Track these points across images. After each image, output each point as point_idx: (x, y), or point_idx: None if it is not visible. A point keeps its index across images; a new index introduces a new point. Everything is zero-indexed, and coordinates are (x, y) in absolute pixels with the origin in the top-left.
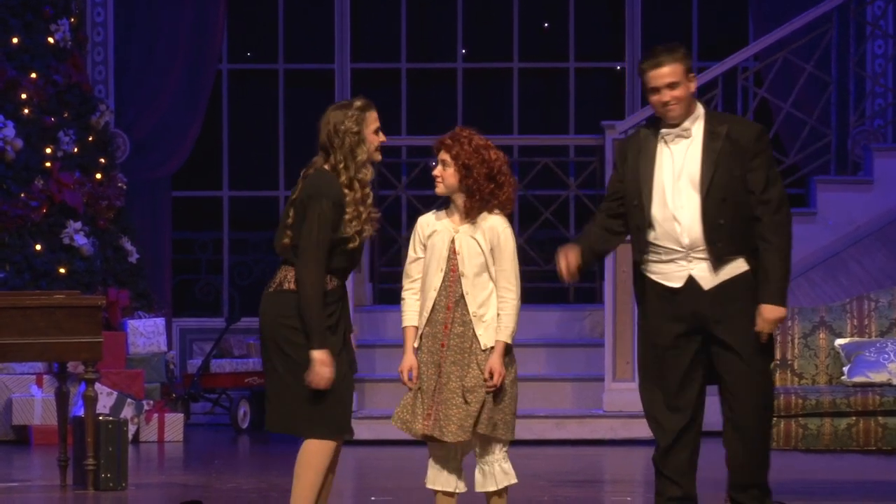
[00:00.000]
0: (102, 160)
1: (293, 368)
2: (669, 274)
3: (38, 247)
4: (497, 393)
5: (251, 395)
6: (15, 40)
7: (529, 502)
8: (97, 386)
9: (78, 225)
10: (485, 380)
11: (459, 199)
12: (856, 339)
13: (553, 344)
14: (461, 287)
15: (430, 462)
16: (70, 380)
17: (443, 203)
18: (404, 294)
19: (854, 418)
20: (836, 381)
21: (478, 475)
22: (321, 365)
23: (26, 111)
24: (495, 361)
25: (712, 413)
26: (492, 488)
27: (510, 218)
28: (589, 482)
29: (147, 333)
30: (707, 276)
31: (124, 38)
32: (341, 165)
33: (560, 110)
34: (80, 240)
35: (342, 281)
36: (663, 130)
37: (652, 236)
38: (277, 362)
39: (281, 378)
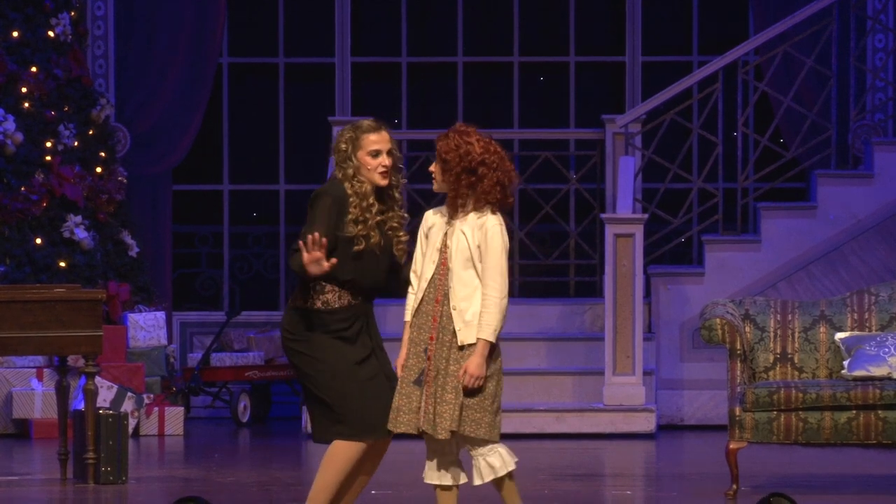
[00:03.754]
0: (103, 154)
1: (306, 378)
2: None
3: (39, 240)
4: (475, 391)
5: (252, 389)
6: (15, 34)
7: (529, 496)
8: (97, 380)
9: (78, 219)
10: (459, 378)
11: (447, 194)
12: (856, 332)
13: (553, 338)
14: (448, 281)
15: (427, 456)
16: (70, 373)
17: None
18: (410, 290)
19: (854, 412)
20: (836, 375)
21: (473, 469)
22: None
23: (27, 105)
24: (472, 360)
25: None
26: (477, 482)
27: (510, 211)
28: (589, 476)
29: (147, 327)
30: None
31: (125, 32)
32: (339, 175)
33: (560, 104)
34: (81, 233)
35: (358, 299)
36: None
37: None
38: (298, 376)
39: (305, 390)
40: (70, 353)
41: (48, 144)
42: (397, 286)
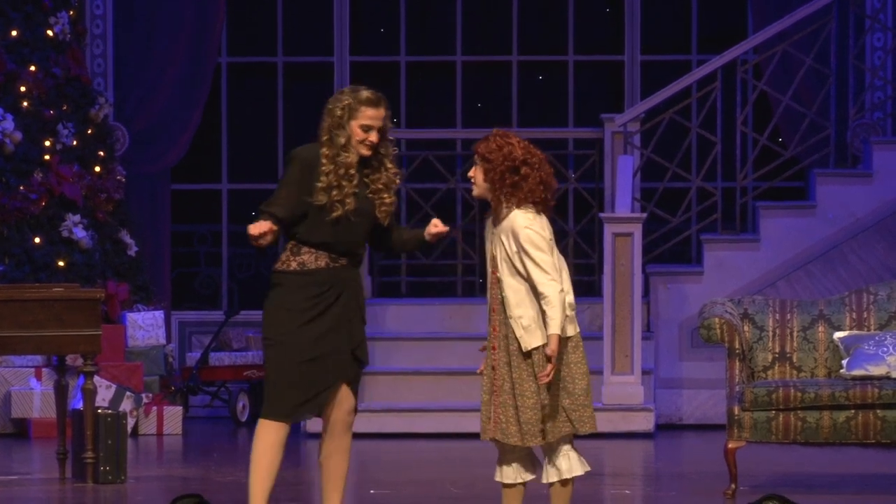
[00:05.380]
0: (101, 153)
1: (266, 346)
2: None
3: (38, 239)
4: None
5: (250, 388)
6: (14, 33)
7: (528, 495)
8: (96, 379)
9: (77, 218)
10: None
11: (489, 198)
12: (855, 332)
13: None
14: (502, 289)
15: (498, 457)
16: (69, 373)
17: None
18: None
19: (853, 411)
20: (834, 375)
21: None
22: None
23: (25, 104)
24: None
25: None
26: (543, 481)
27: (550, 211)
28: (588, 475)
29: (146, 326)
30: None
31: (124, 30)
32: (324, 138)
33: (559, 103)
34: (79, 233)
35: (339, 262)
36: None
37: None
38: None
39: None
40: (69, 353)
41: (47, 143)
42: (391, 246)
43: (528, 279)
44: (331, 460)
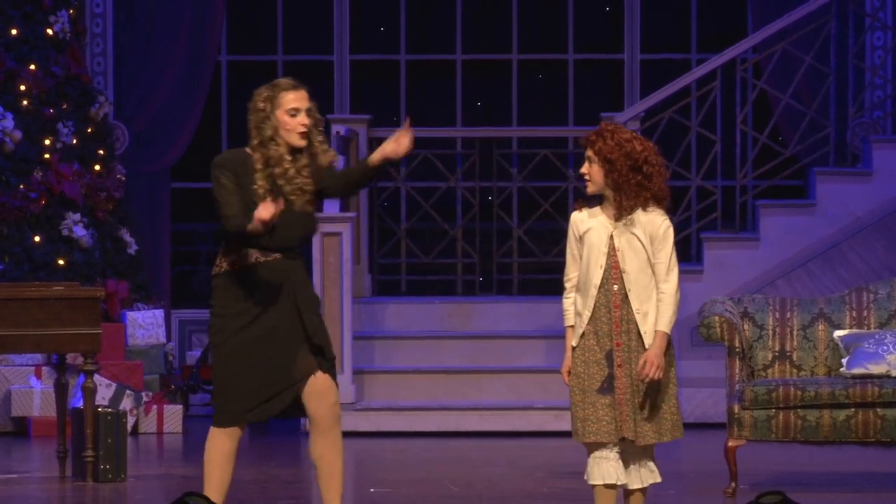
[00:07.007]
0: (101, 152)
1: (212, 353)
2: None
3: (37, 238)
4: (658, 392)
5: None
6: (14, 31)
7: (528, 494)
8: (96, 377)
9: (77, 216)
10: (638, 371)
11: (610, 195)
12: (855, 330)
13: (552, 335)
14: (625, 284)
15: (591, 458)
16: (69, 371)
17: (595, 200)
18: (565, 294)
19: (853, 410)
20: (834, 373)
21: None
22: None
23: (25, 103)
24: (652, 352)
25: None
26: (636, 486)
27: (668, 210)
28: None
29: (146, 325)
30: None
31: (123, 29)
32: (255, 142)
33: (559, 102)
34: (79, 231)
35: (270, 256)
36: None
37: None
38: None
39: None
40: (69, 351)
41: (47, 142)
42: (339, 193)
43: (658, 267)
44: (323, 460)
